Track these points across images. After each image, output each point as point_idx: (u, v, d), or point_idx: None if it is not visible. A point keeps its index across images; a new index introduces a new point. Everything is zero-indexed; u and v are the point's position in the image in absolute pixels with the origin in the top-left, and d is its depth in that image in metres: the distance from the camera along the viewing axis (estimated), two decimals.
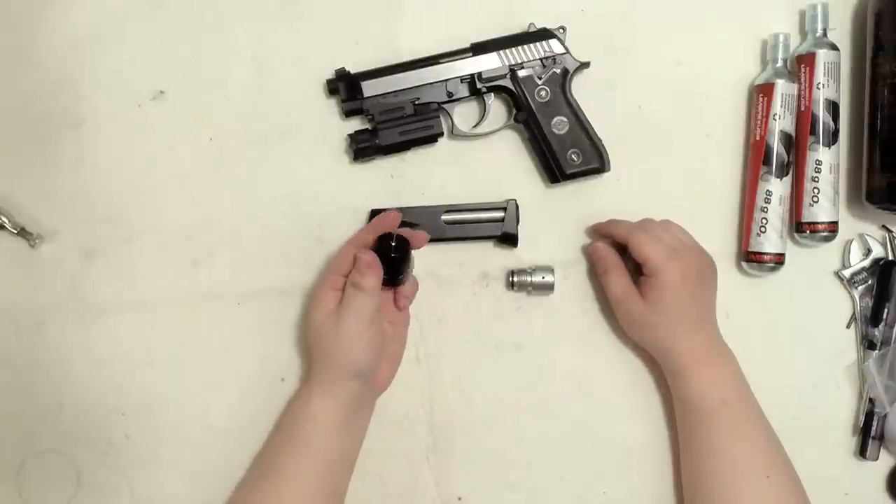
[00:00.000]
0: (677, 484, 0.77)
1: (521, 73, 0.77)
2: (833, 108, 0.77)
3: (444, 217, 0.78)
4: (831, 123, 0.77)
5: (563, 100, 0.77)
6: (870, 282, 0.79)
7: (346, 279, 0.70)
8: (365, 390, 0.72)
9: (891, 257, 0.79)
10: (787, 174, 0.77)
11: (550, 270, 0.78)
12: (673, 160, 0.80)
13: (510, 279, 0.78)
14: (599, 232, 0.78)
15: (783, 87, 0.77)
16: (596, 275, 0.78)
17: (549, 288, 0.77)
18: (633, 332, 0.76)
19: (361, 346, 0.68)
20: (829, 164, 0.77)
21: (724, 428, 0.72)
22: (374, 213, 0.78)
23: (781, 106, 0.77)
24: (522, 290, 0.78)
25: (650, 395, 0.79)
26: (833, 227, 0.77)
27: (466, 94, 0.78)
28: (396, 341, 0.76)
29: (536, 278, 0.77)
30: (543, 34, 0.78)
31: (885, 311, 0.78)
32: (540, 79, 0.77)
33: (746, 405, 0.73)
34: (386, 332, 0.73)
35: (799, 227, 0.78)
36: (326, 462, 0.71)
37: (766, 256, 0.77)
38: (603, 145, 0.78)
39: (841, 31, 0.80)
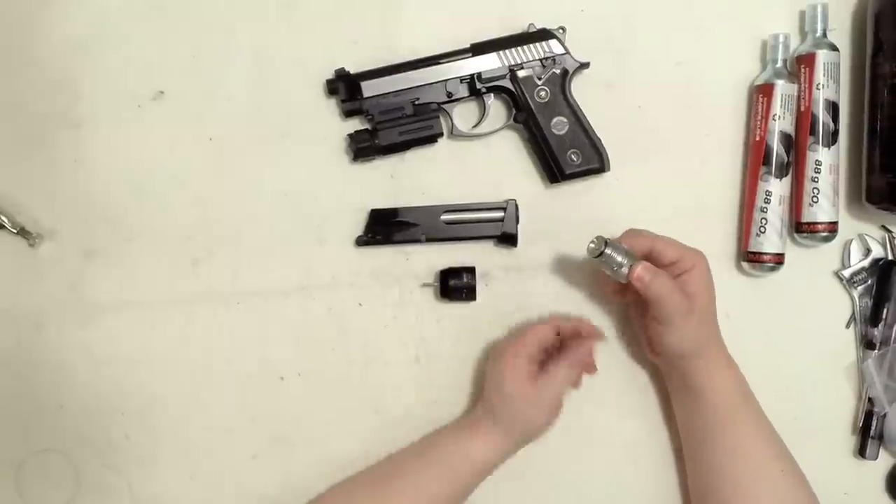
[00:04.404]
0: (677, 482, 0.78)
1: (521, 74, 0.77)
2: (833, 108, 0.77)
3: (443, 217, 0.78)
4: (831, 124, 0.77)
5: (563, 100, 0.77)
6: (869, 282, 0.79)
7: (536, 352, 0.72)
8: (522, 446, 0.74)
9: (890, 257, 0.79)
10: (787, 174, 0.77)
11: (636, 259, 0.69)
12: (673, 160, 0.80)
13: (602, 248, 0.68)
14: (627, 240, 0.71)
15: (783, 88, 0.77)
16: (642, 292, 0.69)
17: (622, 277, 0.69)
18: (687, 330, 0.70)
19: (550, 418, 0.72)
20: (828, 164, 0.77)
21: (745, 424, 0.72)
22: (374, 213, 0.78)
23: (781, 106, 0.77)
24: (605, 265, 0.69)
25: (650, 393, 0.79)
26: (833, 227, 0.77)
27: (466, 94, 0.78)
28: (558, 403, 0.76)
29: (623, 260, 0.68)
30: (543, 34, 0.78)
31: (885, 311, 0.78)
32: (539, 79, 0.77)
33: (758, 403, 0.73)
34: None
35: (799, 227, 0.78)
36: (457, 495, 0.73)
37: (765, 256, 0.77)
38: (603, 145, 0.78)
39: (841, 31, 0.80)
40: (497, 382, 0.72)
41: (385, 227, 0.78)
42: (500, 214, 0.78)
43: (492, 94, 0.79)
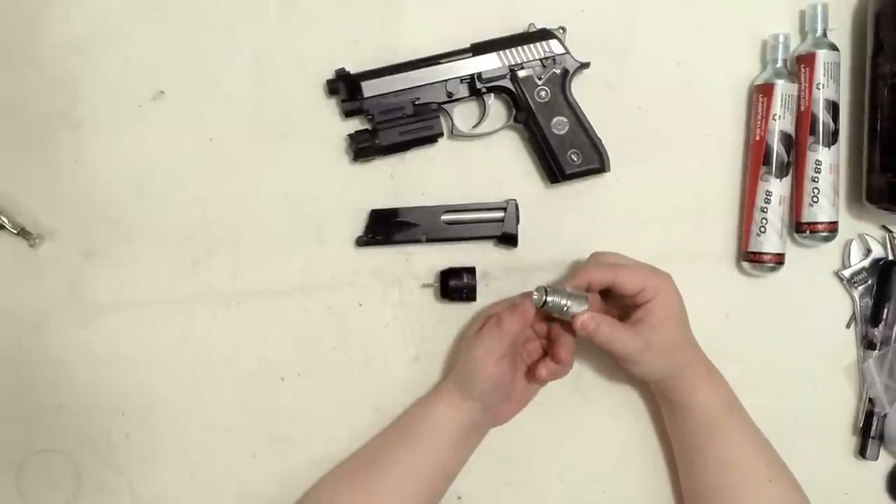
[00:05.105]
0: (675, 484, 0.77)
1: (521, 74, 0.77)
2: (833, 108, 0.77)
3: (443, 217, 0.78)
4: (831, 123, 0.77)
5: (563, 100, 0.77)
6: (870, 282, 0.79)
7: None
8: (482, 417, 0.74)
9: (891, 257, 0.79)
10: (787, 174, 0.77)
11: (584, 299, 0.69)
12: (673, 160, 0.80)
13: (544, 297, 0.68)
14: (576, 281, 0.70)
15: (783, 88, 0.77)
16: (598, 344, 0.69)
17: (568, 316, 0.69)
18: (652, 363, 0.70)
19: (484, 377, 0.71)
20: (828, 164, 0.77)
21: (731, 435, 0.72)
22: (375, 213, 0.78)
23: (781, 106, 0.77)
24: (553, 311, 0.69)
25: (648, 395, 0.79)
26: (833, 227, 0.77)
27: (466, 94, 0.78)
28: (528, 391, 0.76)
29: (569, 303, 0.68)
30: (543, 34, 0.78)
31: (885, 311, 0.78)
32: (540, 79, 0.77)
33: (744, 411, 0.73)
34: (518, 378, 0.74)
35: (799, 227, 0.78)
36: (434, 466, 0.73)
37: (765, 256, 0.77)
38: (603, 145, 0.78)
39: (841, 31, 0.80)
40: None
41: (385, 227, 0.78)
42: (500, 214, 0.78)
43: (492, 94, 0.79)
